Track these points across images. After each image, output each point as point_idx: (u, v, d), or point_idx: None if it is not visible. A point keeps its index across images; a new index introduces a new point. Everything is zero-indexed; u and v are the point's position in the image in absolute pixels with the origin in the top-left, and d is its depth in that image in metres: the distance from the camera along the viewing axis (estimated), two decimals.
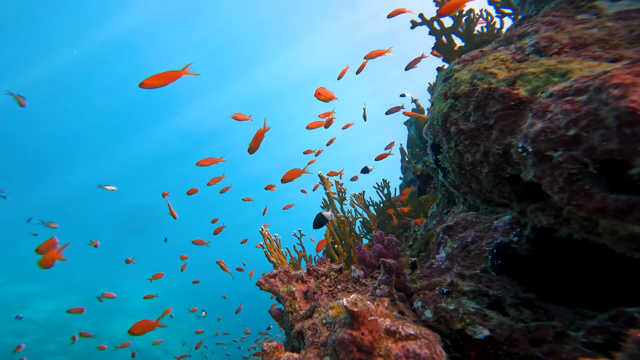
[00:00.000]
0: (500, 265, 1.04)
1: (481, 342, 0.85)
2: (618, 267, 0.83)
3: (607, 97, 0.59)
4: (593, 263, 0.88)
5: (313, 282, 1.40)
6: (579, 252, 0.89)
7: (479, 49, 1.09)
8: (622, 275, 0.84)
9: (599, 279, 0.88)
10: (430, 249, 1.39)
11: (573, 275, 0.92)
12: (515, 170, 0.84)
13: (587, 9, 1.04)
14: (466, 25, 2.02)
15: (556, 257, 0.94)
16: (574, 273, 0.91)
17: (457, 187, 1.11)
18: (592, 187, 0.62)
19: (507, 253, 1.05)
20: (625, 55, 0.84)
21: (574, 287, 0.91)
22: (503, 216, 1.20)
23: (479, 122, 0.92)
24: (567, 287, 0.92)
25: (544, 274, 0.96)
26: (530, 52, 0.96)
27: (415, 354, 0.71)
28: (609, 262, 0.84)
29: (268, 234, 2.15)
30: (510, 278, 1.01)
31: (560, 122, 0.66)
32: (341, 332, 0.74)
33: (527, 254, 1.01)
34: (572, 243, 0.85)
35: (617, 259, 0.75)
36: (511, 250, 1.04)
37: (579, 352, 0.72)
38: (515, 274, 1.01)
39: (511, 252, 1.04)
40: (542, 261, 0.97)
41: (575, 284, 0.91)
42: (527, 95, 0.84)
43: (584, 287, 0.90)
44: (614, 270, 0.85)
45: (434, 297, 1.03)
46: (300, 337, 1.15)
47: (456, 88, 0.99)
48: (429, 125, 1.15)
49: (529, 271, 0.99)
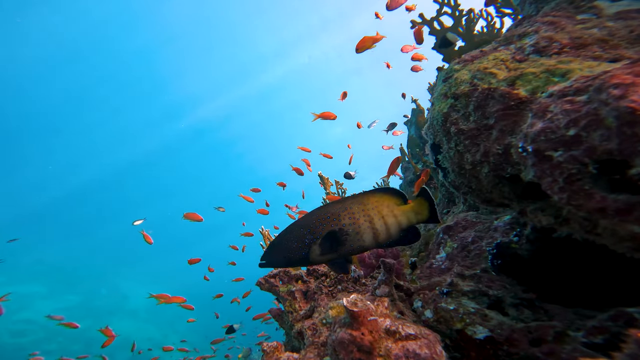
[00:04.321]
0: (500, 265, 1.04)
1: (481, 342, 0.85)
2: (618, 267, 0.83)
3: (607, 97, 0.59)
4: (593, 263, 0.88)
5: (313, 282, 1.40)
6: (579, 252, 0.89)
7: (479, 49, 1.09)
8: (622, 275, 0.84)
9: (598, 279, 0.88)
10: (430, 249, 1.39)
11: (573, 275, 0.92)
12: (515, 170, 0.84)
13: (587, 9, 1.04)
14: (466, 25, 2.02)
15: (556, 257, 0.94)
16: (574, 273, 0.91)
17: (457, 187, 1.11)
18: (592, 187, 0.62)
19: (507, 253, 1.05)
20: (625, 55, 0.84)
21: (574, 287, 0.91)
22: (503, 216, 1.20)
23: (479, 122, 0.92)
24: (567, 287, 0.92)
25: (543, 273, 0.96)
26: (530, 52, 0.96)
27: (415, 354, 0.71)
28: (608, 262, 0.84)
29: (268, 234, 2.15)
30: (510, 278, 1.01)
31: (560, 122, 0.66)
32: (341, 332, 0.74)
33: (527, 254, 1.01)
34: (572, 243, 0.85)
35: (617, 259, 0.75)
36: (511, 250, 1.04)
37: (579, 352, 0.72)
38: (515, 274, 1.01)
39: (511, 252, 1.04)
40: (542, 261, 0.97)
41: (575, 284, 0.91)
42: (527, 95, 0.84)
43: (584, 287, 0.90)
44: (614, 270, 0.85)
45: (434, 297, 1.03)
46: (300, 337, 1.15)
47: (456, 88, 0.99)
48: (429, 125, 1.15)
49: (529, 271, 0.99)
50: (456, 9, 2.02)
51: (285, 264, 1.04)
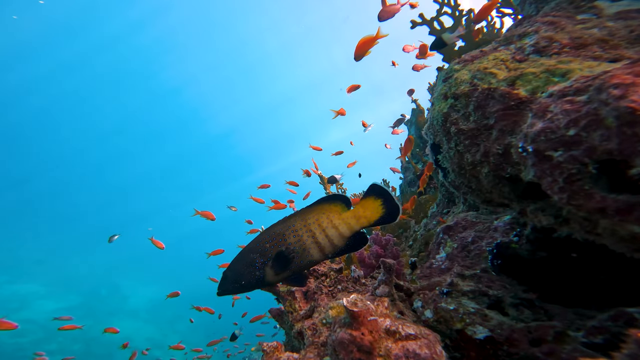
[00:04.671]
0: (500, 265, 1.04)
1: (481, 342, 0.85)
2: (618, 267, 0.83)
3: (607, 97, 0.59)
4: (593, 263, 0.88)
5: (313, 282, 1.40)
6: (579, 252, 0.89)
7: (479, 49, 1.09)
8: (621, 275, 0.84)
9: (599, 279, 0.88)
10: (430, 249, 1.39)
11: (573, 275, 0.92)
12: (515, 170, 0.84)
13: (587, 9, 1.04)
14: (466, 25, 2.02)
15: (556, 257, 0.94)
16: (574, 273, 0.91)
17: (457, 187, 1.11)
18: (592, 187, 0.62)
19: (507, 253, 1.05)
20: (625, 55, 0.84)
21: (574, 287, 0.91)
22: (503, 216, 1.19)
23: (479, 122, 0.92)
24: (567, 287, 0.92)
25: (543, 273, 0.96)
26: (530, 52, 0.96)
27: (415, 354, 0.71)
28: (608, 262, 0.84)
29: None
30: (510, 278, 1.01)
31: (560, 122, 0.66)
32: (341, 332, 0.74)
33: (527, 254, 1.01)
34: (572, 243, 0.85)
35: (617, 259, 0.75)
36: (511, 250, 1.04)
37: (578, 352, 0.72)
38: (515, 274, 1.01)
39: (511, 252, 1.04)
40: (542, 261, 0.97)
41: (575, 284, 0.91)
42: (527, 95, 0.84)
43: (584, 287, 0.90)
44: (614, 270, 0.85)
45: (434, 297, 1.03)
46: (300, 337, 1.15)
47: (456, 88, 0.99)
48: (429, 125, 1.15)
49: (529, 271, 0.99)
50: (456, 9, 2.02)
51: (241, 290, 1.05)
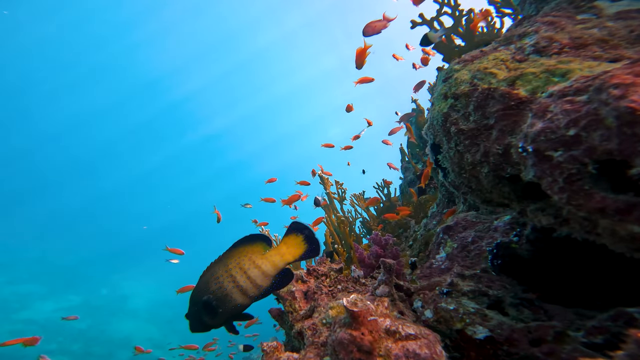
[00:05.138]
0: (500, 265, 1.04)
1: (481, 342, 0.85)
2: (618, 267, 0.83)
3: (607, 97, 0.59)
4: (593, 263, 0.88)
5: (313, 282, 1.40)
6: (579, 252, 0.89)
7: (479, 49, 1.09)
8: (621, 275, 0.84)
9: (598, 279, 0.88)
10: (430, 249, 1.39)
11: (573, 275, 0.92)
12: (515, 170, 0.84)
13: (587, 9, 1.04)
14: (466, 25, 2.02)
15: (556, 257, 0.94)
16: (574, 273, 0.91)
17: (457, 187, 1.11)
18: (592, 187, 0.62)
19: (507, 253, 1.05)
20: (625, 55, 0.84)
21: (574, 287, 0.91)
22: (503, 216, 1.20)
23: (479, 122, 0.92)
24: (567, 287, 0.92)
25: (543, 273, 0.96)
26: (530, 52, 0.96)
27: (415, 354, 0.71)
28: (608, 262, 0.84)
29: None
30: (510, 278, 1.01)
31: (560, 122, 0.66)
32: (341, 332, 0.74)
33: (527, 254, 1.01)
34: (572, 243, 0.85)
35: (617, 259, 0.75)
36: (511, 250, 1.04)
37: (578, 352, 0.72)
38: (515, 274, 1.01)
39: (511, 252, 1.04)
40: (542, 261, 0.97)
41: (575, 284, 0.91)
42: (527, 95, 0.84)
43: (584, 287, 0.90)
44: (614, 270, 0.85)
45: (434, 297, 1.03)
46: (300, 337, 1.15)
47: (456, 88, 0.99)
48: (429, 125, 1.15)
49: (529, 271, 0.99)
50: (456, 9, 2.02)
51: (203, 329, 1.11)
